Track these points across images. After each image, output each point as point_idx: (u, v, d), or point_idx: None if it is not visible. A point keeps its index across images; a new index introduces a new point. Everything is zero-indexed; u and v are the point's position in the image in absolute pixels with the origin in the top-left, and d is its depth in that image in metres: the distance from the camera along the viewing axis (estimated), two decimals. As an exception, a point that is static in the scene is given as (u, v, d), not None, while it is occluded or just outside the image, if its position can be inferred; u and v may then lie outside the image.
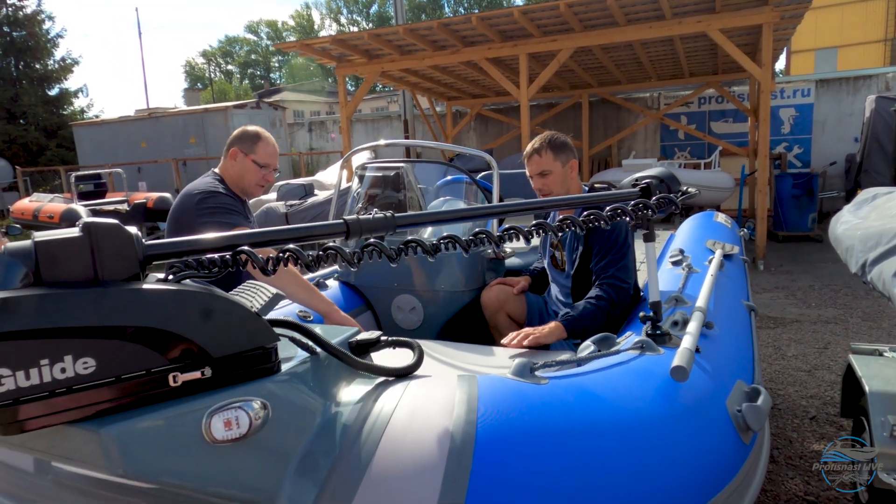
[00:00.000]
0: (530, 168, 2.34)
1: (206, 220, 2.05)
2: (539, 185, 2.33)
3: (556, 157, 2.30)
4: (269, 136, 2.34)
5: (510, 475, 0.85)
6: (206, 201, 2.12)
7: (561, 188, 2.32)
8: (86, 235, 0.75)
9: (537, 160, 2.30)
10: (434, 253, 1.02)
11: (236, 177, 2.29)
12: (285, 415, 0.87)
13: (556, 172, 2.30)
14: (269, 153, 2.30)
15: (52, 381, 0.72)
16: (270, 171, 2.31)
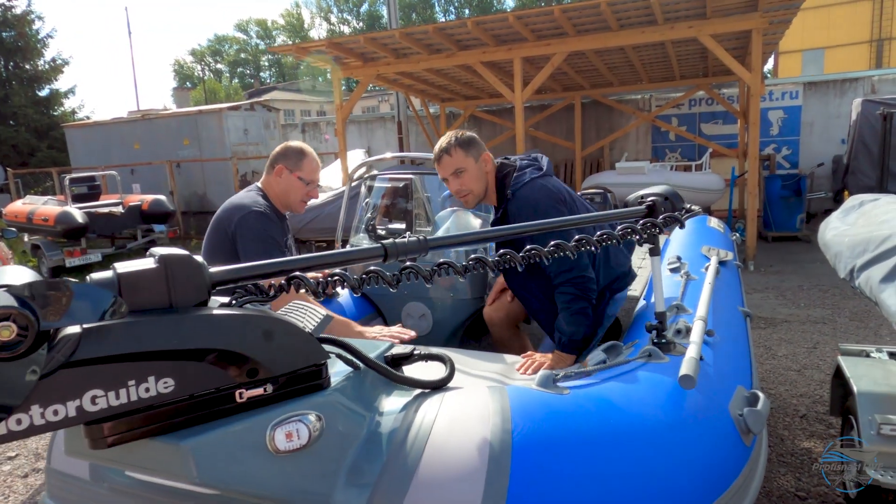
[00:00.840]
0: (442, 170, 2.22)
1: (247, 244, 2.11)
2: (456, 186, 2.21)
3: (466, 154, 2.19)
4: (311, 151, 2.37)
5: (544, 478, 0.94)
6: (248, 222, 2.15)
7: (479, 184, 2.22)
8: (161, 266, 0.84)
9: (448, 160, 2.19)
10: (464, 273, 1.11)
11: (281, 193, 2.29)
12: (337, 425, 0.96)
13: (469, 169, 2.19)
14: (313, 169, 2.33)
15: (137, 400, 0.80)
16: (314, 186, 2.35)
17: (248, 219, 2.15)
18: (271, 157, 2.33)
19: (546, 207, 2.07)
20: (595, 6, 6.88)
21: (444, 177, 2.24)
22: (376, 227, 2.51)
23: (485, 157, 2.23)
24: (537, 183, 2.16)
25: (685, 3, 6.83)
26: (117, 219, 9.87)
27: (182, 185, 12.54)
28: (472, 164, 2.19)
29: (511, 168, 2.23)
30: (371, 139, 15.15)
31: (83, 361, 0.75)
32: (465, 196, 2.23)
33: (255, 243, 2.11)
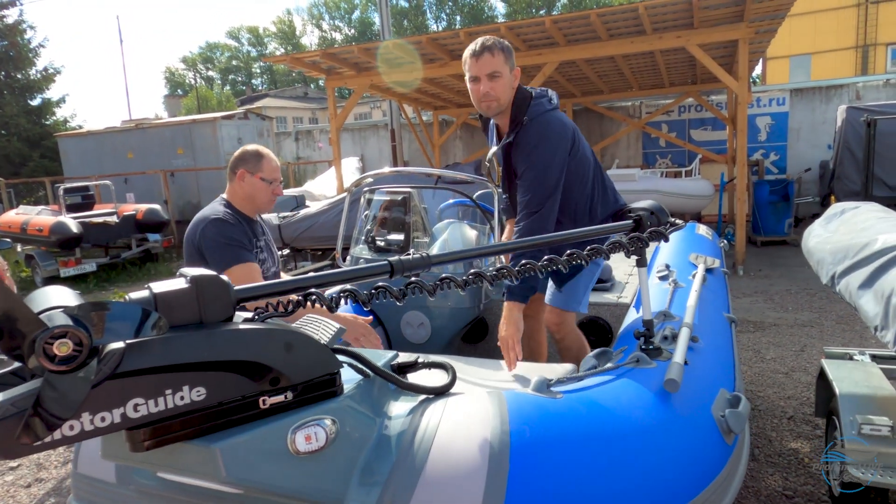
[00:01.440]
0: (478, 68, 2.11)
1: (211, 254, 2.22)
2: (486, 88, 2.13)
3: (506, 61, 2.14)
4: (268, 151, 2.44)
5: (540, 475, 1.04)
6: (206, 231, 2.25)
7: (506, 95, 2.17)
8: (193, 286, 0.92)
9: (489, 59, 2.10)
10: (464, 287, 1.20)
11: (247, 197, 2.39)
12: (350, 429, 1.05)
13: (504, 76, 2.13)
14: (273, 168, 2.41)
15: (173, 407, 0.88)
16: (277, 184, 2.43)
17: (207, 229, 2.25)
18: (231, 164, 2.41)
19: (556, 141, 2.12)
20: (585, 17, 7.03)
21: (476, 75, 2.13)
22: (376, 238, 2.60)
23: (516, 72, 2.20)
24: (554, 116, 2.19)
25: (673, 13, 6.98)
26: (112, 228, 9.89)
27: (176, 194, 12.57)
28: (507, 72, 2.15)
29: (528, 94, 2.22)
30: (364, 147, 15.25)
31: (127, 373, 0.83)
32: (489, 102, 2.16)
33: (216, 251, 2.21)
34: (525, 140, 2.16)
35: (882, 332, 2.19)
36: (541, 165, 2.12)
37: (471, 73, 2.16)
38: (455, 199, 2.89)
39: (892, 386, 2.55)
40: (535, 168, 2.12)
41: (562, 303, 2.37)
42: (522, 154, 2.17)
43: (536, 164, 2.12)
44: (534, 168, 2.12)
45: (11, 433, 0.76)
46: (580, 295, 2.38)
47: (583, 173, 2.26)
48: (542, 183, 2.11)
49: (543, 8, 46.83)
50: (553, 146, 2.13)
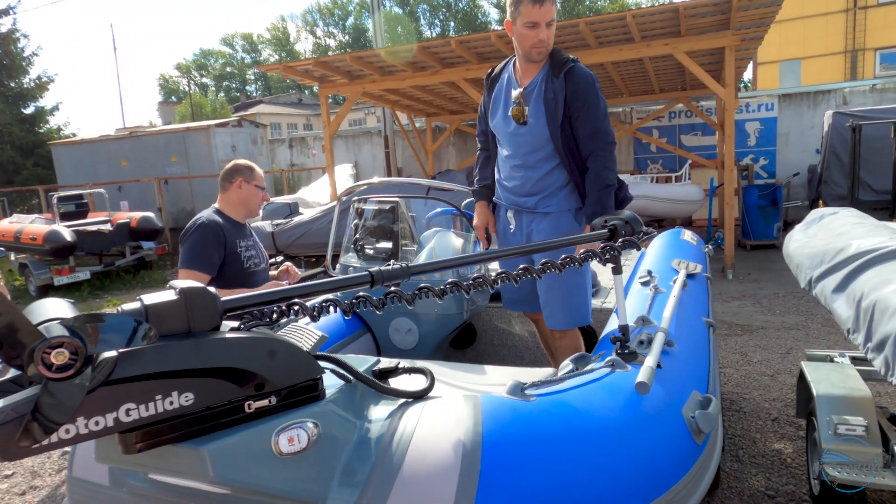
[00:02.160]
0: (541, 14, 2.25)
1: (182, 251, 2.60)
2: (543, 35, 2.29)
3: (555, 10, 2.33)
4: (255, 164, 2.84)
5: (510, 473, 1.10)
6: (185, 237, 2.62)
7: (551, 45, 2.36)
8: (182, 298, 0.98)
9: (549, 7, 2.26)
10: (442, 297, 1.26)
11: (241, 202, 2.72)
12: (331, 431, 1.11)
13: (553, 28, 2.32)
14: (261, 177, 2.80)
15: (163, 412, 0.94)
16: (265, 191, 2.82)
17: (191, 230, 2.62)
18: (224, 174, 2.74)
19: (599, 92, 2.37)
20: (574, 25, 7.13)
21: (537, 20, 2.26)
22: (364, 246, 2.66)
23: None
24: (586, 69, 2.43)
25: (660, 22, 7.09)
26: (106, 236, 9.91)
27: (170, 201, 12.60)
28: (554, 25, 2.35)
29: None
30: (358, 153, 15.31)
31: (120, 380, 0.89)
32: (541, 48, 2.34)
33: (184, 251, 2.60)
34: (580, 80, 2.35)
35: (854, 334, 2.26)
36: (602, 103, 2.38)
37: (531, 19, 2.27)
38: (442, 209, 2.96)
39: (867, 387, 2.62)
40: (600, 106, 2.36)
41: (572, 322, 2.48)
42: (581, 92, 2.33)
43: (599, 103, 2.35)
44: (598, 107, 2.35)
45: (11, 436, 0.82)
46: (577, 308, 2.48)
47: None
48: (606, 118, 2.38)
49: (536, 14, 46.96)
50: (600, 94, 2.38)
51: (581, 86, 2.33)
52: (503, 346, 3.04)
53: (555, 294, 2.45)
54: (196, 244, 2.55)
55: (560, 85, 2.34)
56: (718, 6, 6.52)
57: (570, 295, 2.45)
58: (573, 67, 2.37)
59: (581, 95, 2.33)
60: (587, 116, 2.34)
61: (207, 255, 2.55)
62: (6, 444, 0.82)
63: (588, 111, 2.34)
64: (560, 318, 2.47)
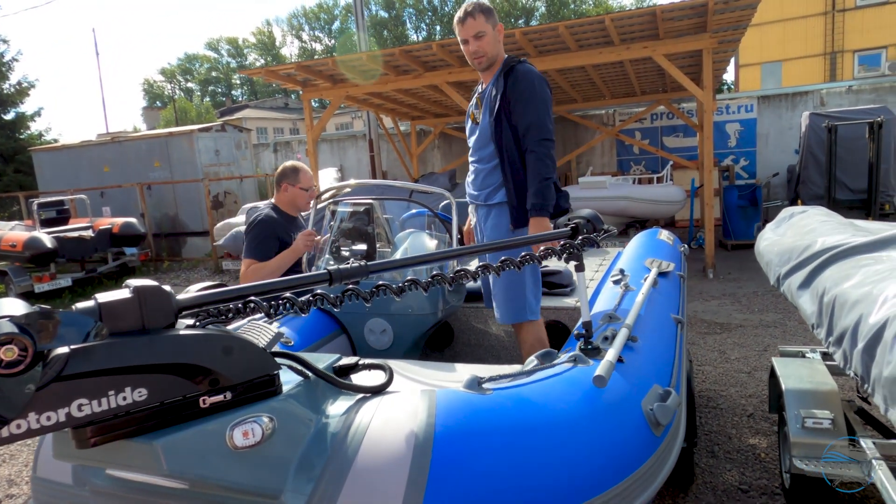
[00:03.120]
0: (465, 31, 2.45)
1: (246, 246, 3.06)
2: (475, 47, 2.46)
3: (487, 20, 2.45)
4: (303, 165, 3.23)
5: (461, 464, 1.12)
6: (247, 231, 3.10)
7: (493, 49, 2.48)
8: (136, 296, 1.00)
9: (472, 23, 2.43)
10: (399, 294, 1.29)
11: (290, 202, 3.17)
12: (287, 426, 1.13)
13: (488, 34, 2.44)
14: (308, 178, 3.17)
15: (116, 407, 0.96)
16: (312, 189, 3.15)
17: (249, 226, 3.10)
18: (276, 178, 3.21)
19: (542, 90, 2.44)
20: (554, 29, 7.20)
21: (464, 38, 2.47)
22: (340, 248, 2.68)
23: (499, 27, 2.51)
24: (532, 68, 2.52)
25: (639, 25, 7.18)
26: (87, 242, 9.82)
27: (153, 207, 12.52)
28: (490, 30, 2.45)
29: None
30: (343, 157, 15.31)
31: (71, 376, 0.91)
32: (479, 58, 2.50)
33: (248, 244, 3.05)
34: (521, 76, 2.44)
35: (818, 329, 2.31)
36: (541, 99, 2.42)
37: (460, 37, 2.50)
38: (416, 210, 2.99)
39: (835, 381, 2.67)
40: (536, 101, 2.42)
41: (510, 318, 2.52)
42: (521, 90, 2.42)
43: (535, 98, 2.42)
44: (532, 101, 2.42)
45: None
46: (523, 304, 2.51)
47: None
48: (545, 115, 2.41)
49: (522, 17, 47.41)
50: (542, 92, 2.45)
51: (519, 81, 2.43)
52: (480, 345, 3.06)
53: (497, 290, 2.54)
54: (255, 238, 3.02)
55: (501, 83, 2.46)
56: (695, 9, 6.62)
57: (508, 290, 2.50)
58: (514, 67, 2.48)
59: (517, 90, 2.42)
60: (523, 111, 2.42)
61: (264, 246, 2.97)
62: None
63: (524, 105, 2.42)
64: (500, 312, 2.54)
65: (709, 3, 6.37)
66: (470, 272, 1.37)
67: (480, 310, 3.08)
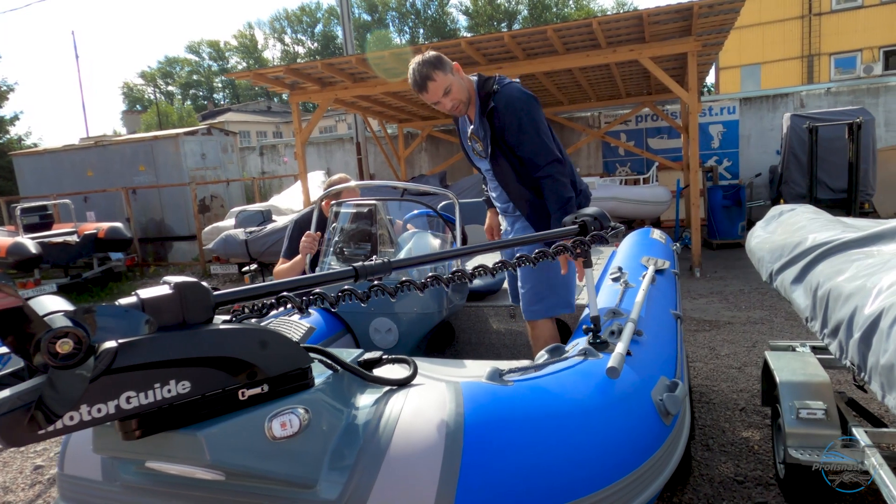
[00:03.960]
0: (432, 97, 2.34)
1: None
2: (449, 104, 2.37)
3: (443, 73, 2.32)
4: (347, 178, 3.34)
5: (491, 451, 1.17)
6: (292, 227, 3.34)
7: (464, 92, 2.38)
8: (177, 292, 1.03)
9: (435, 86, 2.31)
10: (422, 289, 1.33)
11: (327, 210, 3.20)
12: (321, 417, 1.16)
13: (454, 84, 2.33)
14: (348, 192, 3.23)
15: (161, 399, 0.99)
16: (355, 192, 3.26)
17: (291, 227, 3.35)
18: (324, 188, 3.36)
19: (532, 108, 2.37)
20: (542, 32, 7.28)
21: (434, 101, 2.38)
22: (344, 249, 2.71)
23: (455, 66, 2.40)
24: (514, 88, 2.43)
25: (625, 28, 7.29)
26: (72, 248, 9.71)
27: (139, 211, 12.41)
28: (452, 78, 2.35)
29: (491, 77, 2.46)
30: (330, 160, 15.28)
31: (120, 369, 0.93)
32: (457, 108, 2.42)
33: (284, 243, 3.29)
34: (504, 104, 2.37)
35: (812, 322, 2.39)
36: (534, 124, 2.36)
37: (429, 102, 2.41)
38: (419, 210, 3.03)
39: (826, 373, 2.76)
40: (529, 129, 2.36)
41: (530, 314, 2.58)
42: (509, 119, 2.37)
43: (529, 127, 2.36)
44: (528, 131, 2.36)
45: (18, 424, 0.85)
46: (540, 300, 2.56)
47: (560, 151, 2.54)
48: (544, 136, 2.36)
49: (504, 21, 47.68)
50: (532, 111, 2.38)
51: (504, 115, 2.37)
52: (481, 344, 3.11)
53: (525, 287, 2.57)
54: (287, 237, 3.29)
55: (488, 125, 2.43)
56: (680, 13, 6.75)
57: (535, 288, 2.55)
58: (493, 107, 2.39)
59: (506, 125, 2.38)
60: (519, 142, 2.38)
61: (291, 246, 3.21)
62: (13, 431, 0.85)
63: (517, 136, 2.38)
64: (525, 308, 2.59)
65: (694, 6, 6.50)
66: (489, 268, 1.41)
67: (481, 309, 3.12)
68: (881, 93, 11.36)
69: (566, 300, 2.61)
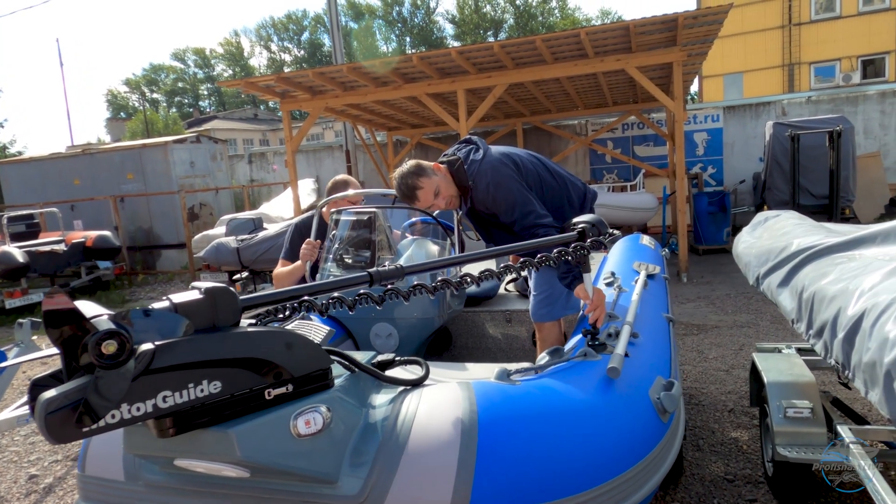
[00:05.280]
0: (423, 203, 2.42)
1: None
2: (443, 203, 2.45)
3: (429, 178, 2.40)
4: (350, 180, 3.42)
5: (503, 445, 1.24)
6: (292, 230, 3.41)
7: (452, 188, 2.45)
8: (208, 297, 1.09)
9: (424, 194, 2.39)
10: (434, 292, 1.39)
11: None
12: (341, 416, 1.22)
13: (440, 184, 2.41)
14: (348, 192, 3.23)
15: (194, 399, 1.04)
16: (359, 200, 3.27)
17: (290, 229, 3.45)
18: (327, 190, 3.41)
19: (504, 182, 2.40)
20: (531, 42, 7.40)
21: (428, 206, 2.46)
22: (344, 256, 2.77)
23: (435, 167, 2.48)
24: (486, 163, 2.45)
25: (612, 38, 7.44)
26: (60, 256, 9.65)
27: (127, 219, 12.34)
28: (437, 179, 2.43)
29: (458, 161, 2.49)
30: (319, 168, 15.30)
31: (158, 369, 0.99)
32: (450, 205, 2.50)
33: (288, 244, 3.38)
34: (482, 197, 2.45)
35: (798, 324, 2.48)
36: (509, 196, 2.40)
37: (424, 208, 2.49)
38: (419, 217, 3.09)
39: (812, 374, 2.85)
40: (506, 201, 2.41)
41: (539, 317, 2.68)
42: (489, 204, 2.45)
43: (504, 200, 2.40)
44: (505, 202, 2.41)
45: (64, 422, 0.90)
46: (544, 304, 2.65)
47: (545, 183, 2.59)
48: (524, 211, 2.38)
49: (491, 29, 48.04)
50: (504, 185, 2.41)
51: (482, 201, 2.46)
52: (477, 348, 3.17)
53: (538, 292, 2.67)
54: (287, 239, 3.39)
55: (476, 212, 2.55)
56: (666, 24, 6.90)
57: (548, 292, 2.64)
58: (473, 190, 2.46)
59: (489, 206, 2.46)
60: (501, 212, 2.45)
61: (291, 249, 3.30)
62: (59, 429, 0.90)
63: (497, 207, 2.44)
64: (534, 312, 2.68)
65: (679, 18, 6.65)
66: (495, 272, 1.48)
67: (477, 314, 3.19)
68: (860, 101, 11.65)
69: (572, 303, 2.71)
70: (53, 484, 3.55)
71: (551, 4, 48.04)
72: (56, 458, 3.90)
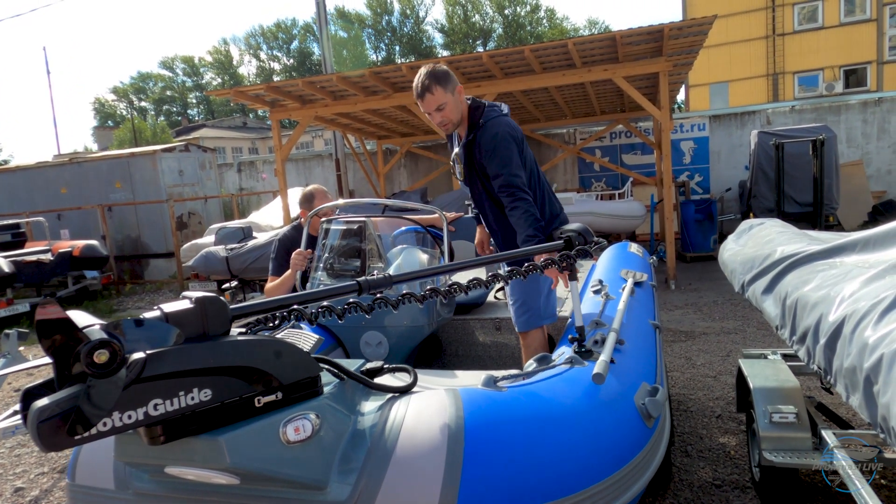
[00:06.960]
0: (426, 106, 2.46)
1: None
2: (438, 119, 2.49)
3: (445, 90, 2.43)
4: (319, 190, 3.44)
5: (490, 451, 1.26)
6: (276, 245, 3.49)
7: (456, 114, 2.51)
8: (198, 306, 1.10)
9: (431, 98, 2.42)
10: (423, 301, 1.41)
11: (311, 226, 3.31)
12: (330, 423, 1.24)
13: (449, 102, 2.45)
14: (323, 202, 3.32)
15: (185, 407, 1.05)
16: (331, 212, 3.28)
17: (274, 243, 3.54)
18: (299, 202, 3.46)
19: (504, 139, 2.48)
20: (519, 52, 7.48)
21: (427, 111, 2.50)
22: (334, 265, 2.78)
23: (458, 88, 2.52)
24: (503, 119, 2.56)
25: (599, 49, 7.53)
26: (46, 266, 9.55)
27: (114, 229, 12.25)
28: (451, 97, 2.46)
29: (482, 105, 2.60)
30: (309, 177, 15.30)
31: (149, 378, 1.00)
32: (445, 125, 2.54)
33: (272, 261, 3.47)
34: (484, 140, 2.52)
35: (782, 330, 2.52)
36: (506, 152, 2.48)
37: (423, 110, 2.53)
38: (407, 227, 3.12)
39: (797, 379, 2.89)
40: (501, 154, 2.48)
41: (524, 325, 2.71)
42: (486, 152, 2.51)
43: (500, 152, 2.48)
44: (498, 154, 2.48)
45: (56, 430, 0.91)
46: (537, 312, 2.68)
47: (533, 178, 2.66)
48: (511, 171, 2.46)
49: (480, 38, 48.37)
50: (507, 143, 2.49)
51: (484, 144, 2.52)
52: (467, 356, 3.19)
53: (513, 301, 2.70)
54: (272, 257, 3.47)
55: (471, 149, 2.59)
56: (652, 35, 7.00)
57: (521, 300, 2.68)
58: (481, 129, 2.54)
59: (484, 151, 2.52)
60: (489, 164, 2.52)
61: (276, 263, 3.41)
62: (51, 437, 0.91)
63: (489, 160, 2.51)
64: (516, 321, 2.71)
65: (664, 28, 6.75)
66: (483, 281, 1.51)
67: (467, 322, 3.21)
68: (842, 111, 11.85)
69: (549, 311, 2.73)
70: (39, 496, 3.51)
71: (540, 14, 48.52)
72: (42, 469, 3.86)
